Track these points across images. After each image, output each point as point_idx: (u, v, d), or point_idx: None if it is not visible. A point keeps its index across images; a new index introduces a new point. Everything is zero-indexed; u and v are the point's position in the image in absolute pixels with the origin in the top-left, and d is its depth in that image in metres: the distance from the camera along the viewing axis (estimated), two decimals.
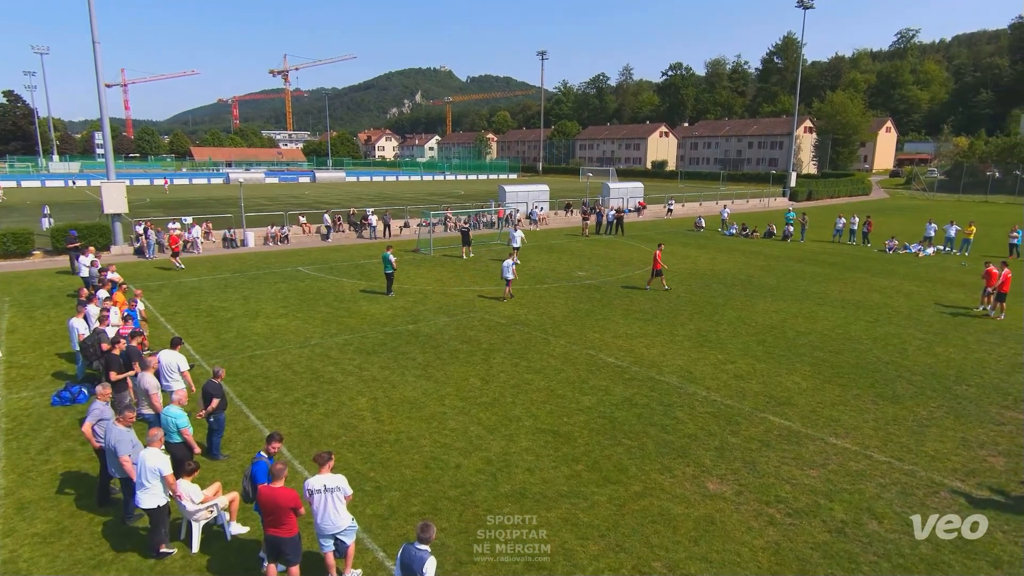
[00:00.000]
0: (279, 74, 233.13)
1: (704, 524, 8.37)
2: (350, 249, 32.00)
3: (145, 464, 7.61)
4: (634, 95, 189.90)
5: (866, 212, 40.46)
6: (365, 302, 20.35)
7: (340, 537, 7.15)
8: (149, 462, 7.62)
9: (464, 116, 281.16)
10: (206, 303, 20.05)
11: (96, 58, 28.11)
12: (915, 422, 11.62)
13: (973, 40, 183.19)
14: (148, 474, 7.60)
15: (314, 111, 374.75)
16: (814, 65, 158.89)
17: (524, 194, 44.72)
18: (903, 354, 15.55)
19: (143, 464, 7.62)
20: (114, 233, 30.04)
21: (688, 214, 49.08)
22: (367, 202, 54.45)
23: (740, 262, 28.59)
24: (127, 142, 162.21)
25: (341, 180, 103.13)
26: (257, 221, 37.05)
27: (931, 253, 31.39)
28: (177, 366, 10.92)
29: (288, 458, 10.00)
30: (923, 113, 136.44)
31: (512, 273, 20.51)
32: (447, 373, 13.91)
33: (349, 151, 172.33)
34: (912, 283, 24.21)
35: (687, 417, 11.72)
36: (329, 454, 7.25)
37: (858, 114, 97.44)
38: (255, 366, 14.28)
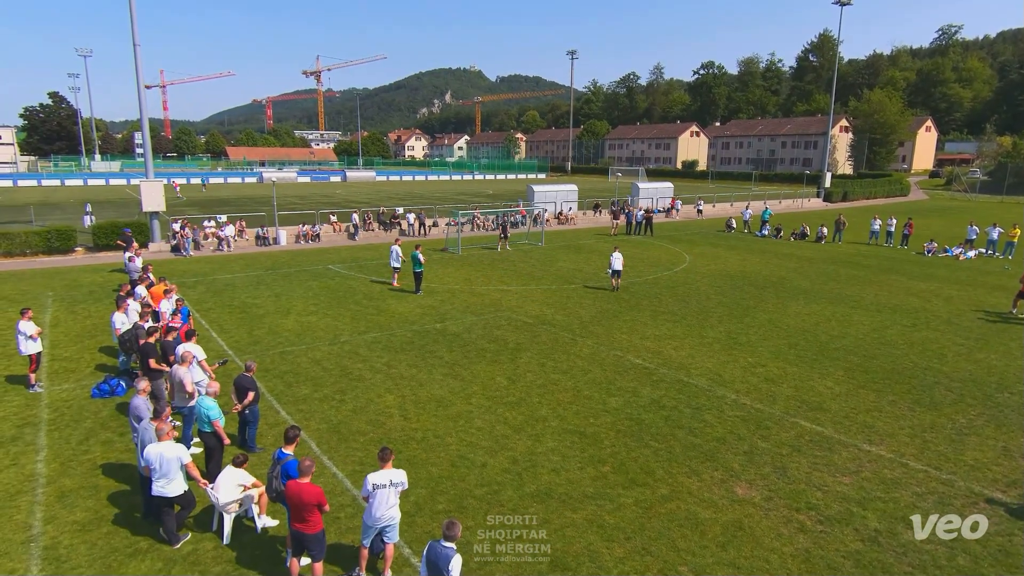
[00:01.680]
0: (312, 75, 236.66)
1: (732, 529, 8.25)
2: (379, 247, 32.29)
3: (164, 456, 7.82)
4: (665, 94, 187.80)
5: (905, 214, 39.41)
6: (393, 300, 20.53)
7: (388, 531, 7.26)
8: (168, 453, 7.84)
9: (493, 116, 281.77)
10: (239, 300, 20.46)
11: (136, 60, 28.87)
12: (954, 430, 11.29)
13: (1019, 36, 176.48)
14: (169, 465, 7.81)
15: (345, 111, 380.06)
16: (851, 63, 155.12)
17: (552, 194, 44.65)
18: (942, 360, 15.10)
19: (162, 457, 7.81)
20: (152, 231, 30.84)
21: (719, 214, 48.41)
22: (397, 201, 54.94)
23: (772, 264, 28.09)
24: (165, 142, 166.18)
25: (371, 179, 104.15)
26: (289, 219, 37.66)
27: (972, 256, 30.42)
28: (195, 357, 11.16)
29: (316, 454, 10.15)
30: (965, 112, 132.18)
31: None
32: (474, 372, 13.96)
33: (379, 151, 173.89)
34: (952, 287, 23.50)
35: (716, 420, 11.57)
36: (391, 450, 7.37)
37: (897, 113, 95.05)
38: (286, 362, 14.52)
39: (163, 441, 7.96)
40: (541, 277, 24.64)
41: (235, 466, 8.35)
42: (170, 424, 8.42)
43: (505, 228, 32.70)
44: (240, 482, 8.24)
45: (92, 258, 28.27)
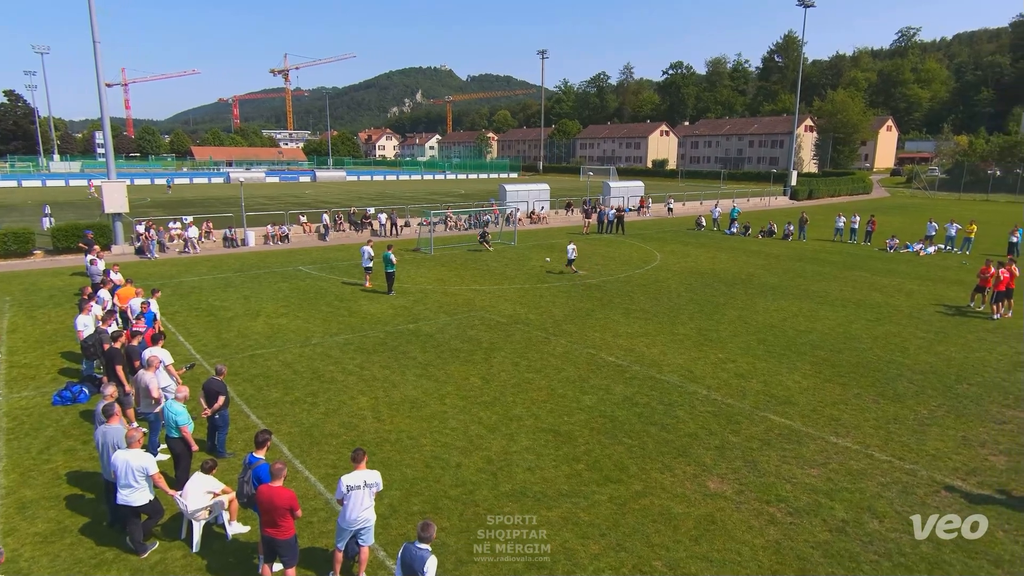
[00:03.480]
0: (279, 73, 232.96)
1: (705, 523, 8.37)
2: (350, 248, 31.96)
3: (130, 464, 7.61)
4: (635, 94, 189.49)
5: (868, 211, 40.42)
6: (365, 301, 20.35)
7: (363, 533, 7.19)
8: (134, 462, 7.63)
9: (464, 115, 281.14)
10: (207, 302, 20.06)
11: (96, 57, 28.09)
12: (916, 421, 11.62)
13: (974, 39, 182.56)
14: (135, 474, 7.61)
15: (314, 110, 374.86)
16: (815, 64, 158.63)
17: (525, 193, 44.74)
18: (904, 353, 15.54)
19: (127, 465, 7.61)
20: (115, 233, 30.08)
21: (689, 213, 49.04)
22: (368, 201, 54.43)
23: (741, 261, 28.57)
24: (128, 141, 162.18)
25: (342, 179, 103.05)
26: (258, 220, 37.04)
27: (932, 252, 31.36)
28: (161, 361, 10.92)
29: (288, 458, 10.01)
30: (924, 112, 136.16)
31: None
32: (448, 372, 13.91)
33: (350, 150, 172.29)
34: (913, 282, 24.19)
35: (688, 416, 11.72)
36: (364, 451, 7.33)
37: (859, 113, 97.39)
38: (256, 365, 14.28)
39: (131, 449, 7.76)
40: (514, 276, 24.67)
41: (204, 472, 8.18)
42: (140, 431, 8.21)
43: (484, 235, 31.24)
44: (209, 489, 8.07)
45: (52, 261, 27.43)
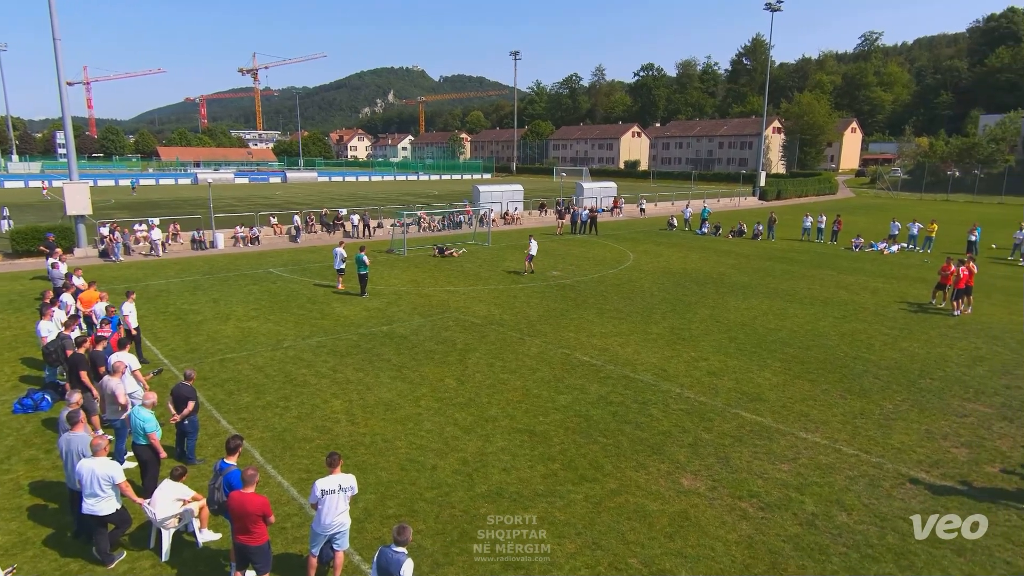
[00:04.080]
0: (248, 73, 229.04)
1: (679, 520, 8.47)
2: (322, 250, 31.62)
3: (95, 472, 7.40)
4: (607, 95, 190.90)
5: (834, 211, 41.34)
6: (338, 303, 20.14)
7: (337, 538, 7.11)
8: (100, 470, 7.42)
9: (437, 116, 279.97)
10: (175, 306, 19.64)
11: (57, 55, 27.32)
12: (881, 415, 11.92)
13: (933, 43, 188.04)
14: (101, 483, 7.40)
15: (284, 110, 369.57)
16: (782, 67, 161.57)
17: (498, 194, 44.76)
18: (870, 349, 15.93)
19: (93, 473, 7.40)
20: (78, 235, 29.28)
21: (661, 213, 49.57)
22: (340, 202, 53.89)
23: (712, 260, 28.98)
24: (90, 141, 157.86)
25: (313, 180, 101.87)
26: (227, 222, 36.39)
27: (896, 251, 32.20)
28: (128, 366, 10.67)
29: (260, 463, 9.85)
30: (887, 114, 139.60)
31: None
32: (422, 374, 13.85)
33: (321, 151, 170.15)
34: (878, 280, 24.81)
35: (661, 414, 11.85)
36: (339, 455, 7.24)
37: (824, 115, 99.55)
38: (226, 370, 14.03)
39: (97, 456, 7.55)
40: (488, 277, 24.66)
41: (173, 479, 8.01)
42: (106, 439, 8.00)
43: (443, 251, 29.48)
44: (179, 496, 7.90)
45: (11, 265, 26.57)
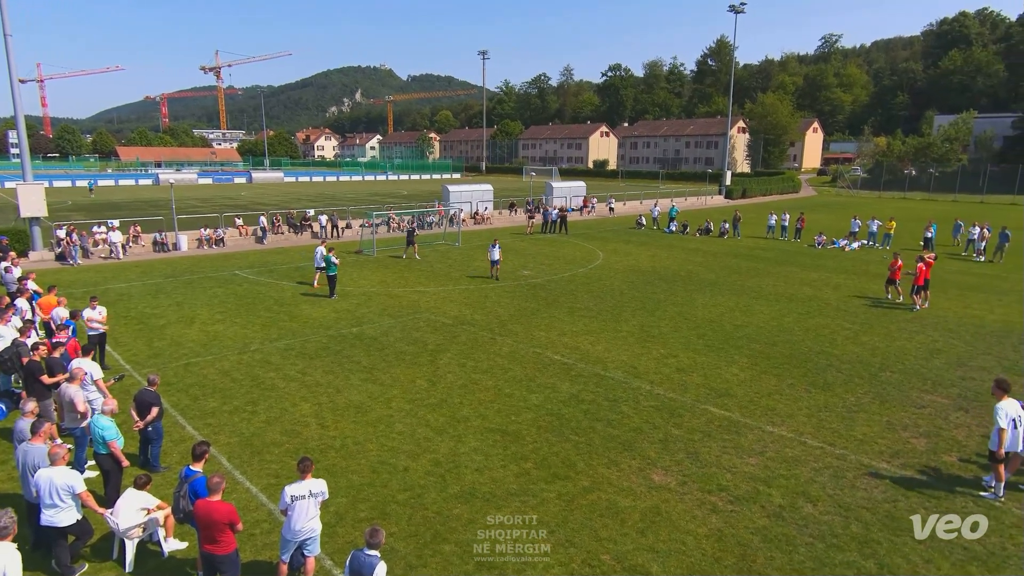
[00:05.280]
0: (211, 71, 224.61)
1: (650, 515, 8.56)
2: (289, 251, 31.16)
3: (53, 482, 7.13)
4: (575, 95, 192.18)
5: (797, 209, 42.29)
6: (307, 305, 19.85)
7: (308, 544, 7.00)
8: (58, 480, 7.15)
9: (406, 115, 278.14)
10: (136, 310, 19.13)
11: (8, 51, 26.33)
12: (845, 408, 12.23)
13: (890, 46, 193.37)
14: (60, 493, 7.15)
15: (249, 109, 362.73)
16: (746, 67, 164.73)
17: (468, 194, 44.66)
18: (833, 344, 16.33)
19: (51, 483, 7.13)
20: (32, 238, 28.32)
21: (630, 212, 50.06)
22: (307, 203, 53.14)
23: (680, 258, 29.37)
24: (45, 141, 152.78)
25: (279, 180, 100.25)
26: (190, 224, 35.55)
27: (856, 247, 33.08)
28: (90, 375, 10.34)
29: (228, 469, 9.65)
30: (846, 114, 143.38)
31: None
32: (393, 375, 13.74)
33: (287, 151, 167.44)
34: (840, 276, 25.45)
35: (632, 411, 11.96)
36: (311, 460, 7.14)
37: (787, 115, 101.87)
38: (191, 374, 13.72)
39: (55, 466, 7.29)
40: (459, 278, 24.59)
41: (137, 488, 7.79)
42: (65, 448, 7.73)
43: (411, 234, 29.24)
44: (142, 505, 7.69)
45: None
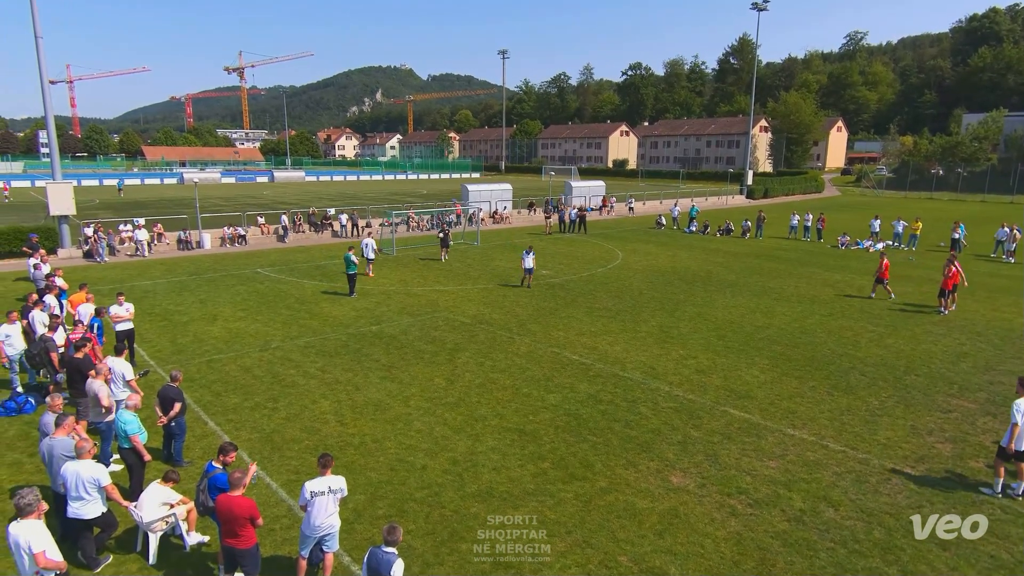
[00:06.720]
0: (234, 71, 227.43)
1: (668, 517, 8.50)
2: (310, 250, 31.48)
3: (80, 476, 7.29)
4: (595, 94, 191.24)
5: (819, 209, 41.66)
6: (327, 304, 20.03)
7: (327, 539, 7.08)
8: (84, 473, 7.30)
9: (426, 115, 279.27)
10: (161, 307, 19.46)
11: (39, 53, 26.94)
12: (868, 412, 12.03)
13: (917, 43, 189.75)
14: (86, 486, 7.29)
15: (271, 109, 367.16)
16: (768, 66, 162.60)
17: (487, 193, 44.74)
18: (856, 346, 16.07)
19: (78, 476, 7.29)
20: (61, 236, 28.95)
21: (650, 212, 49.75)
22: (328, 202, 53.62)
23: (700, 259, 29.12)
24: (74, 141, 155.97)
25: (301, 179, 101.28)
26: (214, 222, 36.09)
27: (881, 248, 32.49)
28: (123, 375, 10.54)
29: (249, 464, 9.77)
30: (871, 113, 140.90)
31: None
32: (411, 374, 13.81)
33: (308, 150, 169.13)
34: (864, 277, 25.01)
35: (651, 412, 11.89)
36: (331, 456, 7.21)
37: (810, 114, 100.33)
38: (213, 371, 13.92)
39: (82, 460, 7.45)
40: (477, 277, 24.64)
41: (163, 483, 7.92)
42: (91, 442, 7.89)
43: (446, 237, 28.62)
44: (165, 500, 7.82)
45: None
